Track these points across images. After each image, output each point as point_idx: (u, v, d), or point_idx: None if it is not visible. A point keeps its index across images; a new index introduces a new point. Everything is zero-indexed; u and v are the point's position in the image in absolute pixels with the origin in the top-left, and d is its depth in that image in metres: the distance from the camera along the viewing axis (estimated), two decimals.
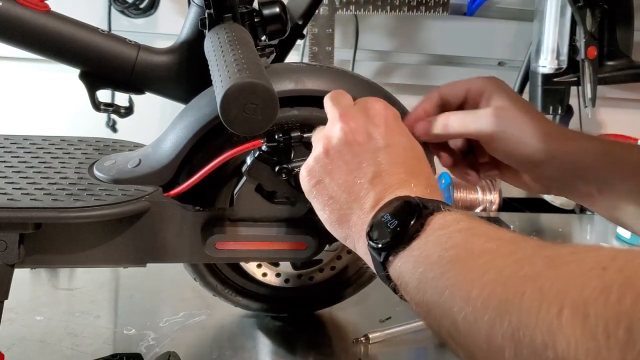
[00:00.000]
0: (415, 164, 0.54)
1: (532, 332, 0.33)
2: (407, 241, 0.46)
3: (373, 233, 0.49)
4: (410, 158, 0.54)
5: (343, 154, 0.54)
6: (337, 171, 0.54)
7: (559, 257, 0.37)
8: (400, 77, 1.26)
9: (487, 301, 0.38)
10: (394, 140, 0.54)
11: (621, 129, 1.35)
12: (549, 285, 0.34)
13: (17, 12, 0.63)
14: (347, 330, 0.77)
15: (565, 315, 0.32)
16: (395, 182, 0.51)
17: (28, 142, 0.72)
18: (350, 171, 0.53)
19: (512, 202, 1.30)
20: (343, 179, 0.53)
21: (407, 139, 0.56)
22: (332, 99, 0.58)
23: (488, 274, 0.39)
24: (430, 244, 0.45)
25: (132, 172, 0.64)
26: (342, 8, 1.13)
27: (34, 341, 0.70)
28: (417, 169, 0.54)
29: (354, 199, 0.52)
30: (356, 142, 0.53)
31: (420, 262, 0.45)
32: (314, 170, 0.55)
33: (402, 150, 0.54)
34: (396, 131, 0.55)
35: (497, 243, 0.42)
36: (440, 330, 0.42)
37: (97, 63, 0.66)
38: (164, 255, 0.65)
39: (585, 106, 1.10)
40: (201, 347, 0.71)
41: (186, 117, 0.64)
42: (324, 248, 0.70)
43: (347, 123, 0.54)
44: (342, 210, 0.53)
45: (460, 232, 0.45)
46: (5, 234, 0.58)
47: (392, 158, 0.53)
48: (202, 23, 0.62)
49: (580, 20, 1.06)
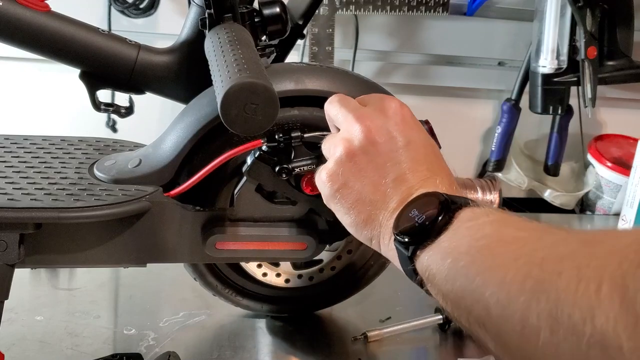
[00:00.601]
0: (435, 160, 0.54)
1: (570, 310, 0.33)
2: (435, 235, 0.46)
3: (400, 228, 0.49)
4: (430, 155, 0.55)
5: (366, 154, 0.54)
6: (362, 172, 0.54)
7: (593, 237, 0.37)
8: (400, 77, 1.26)
9: (522, 283, 0.37)
10: (414, 137, 0.54)
11: (621, 129, 1.35)
12: (587, 263, 0.34)
13: (17, 12, 0.63)
14: (347, 330, 0.77)
15: (604, 291, 0.32)
16: (420, 180, 0.52)
17: (28, 142, 0.72)
18: (375, 171, 0.53)
19: (512, 202, 1.30)
20: (368, 180, 0.53)
21: (425, 136, 0.56)
22: (338, 102, 0.58)
23: (522, 258, 0.39)
24: (459, 236, 0.45)
25: (133, 172, 0.64)
26: (342, 8, 1.13)
27: (34, 341, 0.70)
28: (438, 166, 0.54)
29: (380, 199, 0.52)
30: (378, 142, 0.54)
31: (449, 252, 0.45)
32: (337, 173, 0.55)
33: (423, 148, 0.54)
34: (415, 129, 0.55)
35: (528, 232, 0.42)
36: (470, 319, 0.42)
37: (98, 63, 0.66)
38: (164, 255, 0.65)
39: (585, 106, 1.10)
40: (201, 347, 0.71)
41: (186, 117, 0.64)
42: (324, 248, 0.70)
43: (365, 124, 0.54)
44: (368, 212, 0.53)
45: (491, 224, 0.45)
46: (5, 234, 0.58)
47: (414, 156, 0.53)
48: (203, 23, 0.62)
49: (580, 20, 1.06)
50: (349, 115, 0.56)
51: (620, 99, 1.33)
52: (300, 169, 0.62)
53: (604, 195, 1.26)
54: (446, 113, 1.31)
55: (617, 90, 1.28)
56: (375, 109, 0.56)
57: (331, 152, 0.56)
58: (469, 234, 0.45)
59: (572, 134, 1.26)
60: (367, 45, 1.20)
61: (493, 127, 1.30)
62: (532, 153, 1.34)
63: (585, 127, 1.30)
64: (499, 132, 1.22)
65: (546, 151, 1.25)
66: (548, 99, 1.13)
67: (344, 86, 0.64)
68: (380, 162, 0.53)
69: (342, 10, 1.13)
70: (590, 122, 1.32)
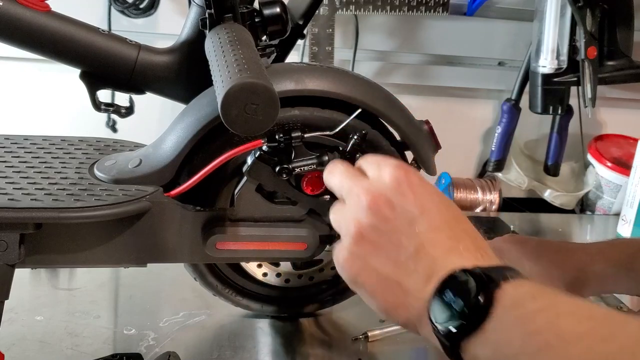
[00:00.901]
0: (455, 224, 0.50)
1: None
2: (479, 322, 0.42)
3: (436, 316, 0.44)
4: (448, 219, 0.50)
5: (380, 233, 0.50)
6: (379, 252, 0.50)
7: None
8: (400, 77, 1.26)
9: None
10: (426, 204, 0.50)
11: (621, 129, 1.35)
12: None
13: (17, 12, 0.63)
14: (347, 330, 0.77)
15: None
16: (443, 252, 0.47)
17: (28, 142, 0.72)
18: (392, 249, 0.49)
19: (512, 202, 1.30)
20: (387, 259, 0.49)
21: (438, 197, 0.51)
22: (339, 173, 0.55)
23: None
24: (507, 327, 0.41)
25: (133, 172, 0.64)
26: (342, 8, 1.13)
27: (34, 341, 0.70)
28: (459, 229, 0.49)
29: (403, 279, 0.48)
30: (389, 218, 0.49)
31: (501, 349, 0.41)
32: (352, 257, 0.51)
33: (438, 213, 0.50)
34: (425, 194, 0.51)
35: (589, 324, 0.38)
36: None
37: (98, 63, 0.66)
38: (164, 255, 0.65)
39: (585, 106, 1.10)
40: (201, 347, 0.71)
41: (187, 117, 0.64)
42: (324, 248, 0.70)
43: (372, 200, 0.50)
44: (395, 294, 0.49)
45: (542, 313, 0.40)
46: (5, 234, 0.58)
47: (430, 225, 0.49)
48: (203, 23, 0.62)
49: (580, 20, 1.06)
50: (353, 190, 0.52)
51: (620, 99, 1.33)
52: (300, 169, 0.62)
53: (604, 195, 1.26)
54: (446, 113, 1.31)
55: (617, 90, 1.28)
56: (379, 179, 0.52)
57: (342, 231, 0.52)
58: (519, 325, 0.40)
59: (572, 134, 1.26)
60: (367, 45, 1.20)
61: (493, 127, 1.30)
62: (532, 153, 1.34)
63: (585, 127, 1.30)
64: (499, 132, 1.23)
65: (546, 151, 1.25)
66: (548, 99, 1.13)
67: (344, 86, 0.64)
68: (395, 238, 0.49)
69: (342, 10, 1.14)
70: (590, 122, 1.32)
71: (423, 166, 0.69)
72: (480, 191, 1.24)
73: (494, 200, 1.24)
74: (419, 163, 0.68)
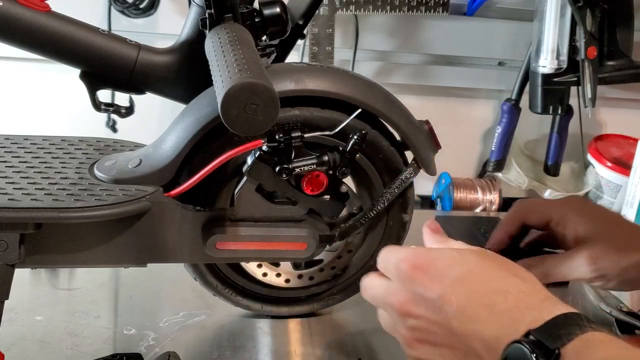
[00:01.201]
0: (479, 287, 0.49)
1: None
2: None
3: None
4: (471, 290, 0.49)
5: (423, 332, 0.51)
6: (436, 349, 0.51)
7: None
8: (400, 77, 1.26)
9: None
10: (445, 287, 0.50)
11: (621, 129, 1.35)
12: None
13: (17, 12, 0.63)
14: (347, 330, 0.77)
15: None
16: (485, 326, 0.47)
17: (28, 142, 0.72)
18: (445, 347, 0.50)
19: (512, 202, 1.29)
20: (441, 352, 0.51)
21: (459, 267, 0.51)
22: (370, 289, 0.57)
23: None
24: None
25: (133, 172, 0.64)
26: (342, 8, 1.13)
27: (34, 341, 0.70)
28: (491, 291, 0.48)
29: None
30: (420, 315, 0.51)
31: None
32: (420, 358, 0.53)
33: (458, 292, 0.49)
34: (438, 275, 0.51)
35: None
36: None
37: (98, 63, 0.66)
38: (164, 255, 0.65)
39: (585, 106, 1.10)
40: (201, 347, 0.71)
41: (187, 117, 0.64)
42: (324, 248, 0.70)
43: (399, 306, 0.52)
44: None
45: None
46: (5, 234, 0.58)
47: (457, 305, 0.48)
48: (203, 23, 0.62)
49: (580, 20, 1.06)
50: (383, 304, 0.55)
51: (620, 99, 1.33)
52: (300, 169, 0.62)
53: (604, 195, 1.26)
54: (446, 113, 1.31)
55: (617, 90, 1.28)
56: (397, 279, 0.53)
57: (400, 341, 0.55)
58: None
59: (572, 134, 1.26)
60: (367, 45, 1.20)
61: (493, 127, 1.30)
62: (532, 153, 1.34)
63: (585, 127, 1.30)
64: (499, 132, 1.23)
65: (546, 151, 1.25)
66: (548, 99, 1.13)
67: (344, 86, 0.64)
68: (440, 332, 0.50)
69: (342, 10, 1.14)
70: (590, 122, 1.32)
71: (423, 166, 0.69)
72: (480, 191, 1.24)
73: (494, 200, 1.24)
74: (419, 163, 0.68)
